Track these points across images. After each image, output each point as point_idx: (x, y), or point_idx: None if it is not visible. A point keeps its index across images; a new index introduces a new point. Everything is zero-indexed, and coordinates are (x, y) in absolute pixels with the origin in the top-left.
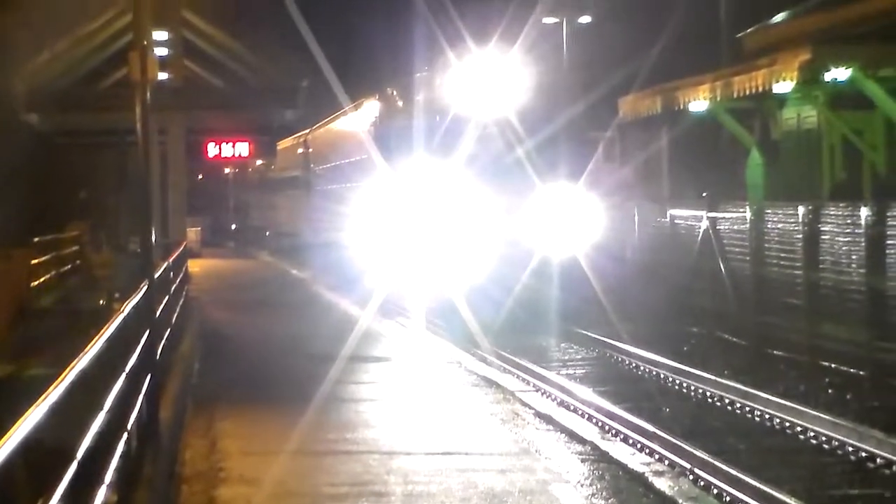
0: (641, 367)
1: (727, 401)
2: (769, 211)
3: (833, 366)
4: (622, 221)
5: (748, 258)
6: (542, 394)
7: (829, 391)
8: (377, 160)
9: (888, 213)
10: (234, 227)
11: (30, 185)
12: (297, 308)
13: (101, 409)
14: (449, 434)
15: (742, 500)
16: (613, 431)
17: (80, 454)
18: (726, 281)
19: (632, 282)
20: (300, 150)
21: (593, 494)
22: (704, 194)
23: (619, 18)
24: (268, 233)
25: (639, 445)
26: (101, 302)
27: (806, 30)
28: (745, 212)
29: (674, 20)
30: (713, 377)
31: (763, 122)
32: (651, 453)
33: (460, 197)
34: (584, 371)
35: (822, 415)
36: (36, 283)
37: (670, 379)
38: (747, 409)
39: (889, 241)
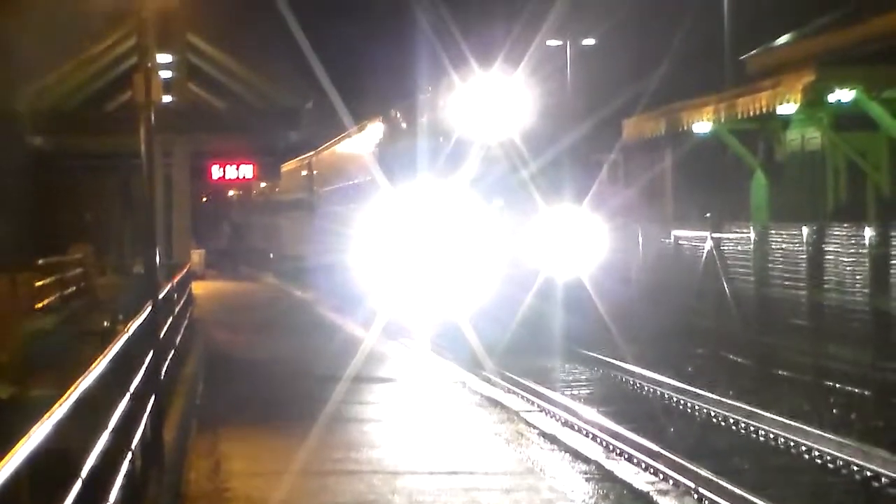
0: (646, 388)
1: (732, 421)
2: (773, 232)
3: (837, 386)
4: (626, 242)
5: (752, 279)
6: (547, 414)
7: (834, 411)
8: (381, 182)
9: (892, 234)
10: (230, 249)
11: (34, 207)
12: (301, 329)
13: (106, 428)
14: (453, 453)
15: None
16: (618, 451)
17: (84, 473)
18: (730, 301)
19: (636, 302)
20: (304, 172)
21: None
22: (708, 215)
23: (622, 41)
24: (272, 255)
25: (643, 465)
26: (106, 323)
27: (810, 51)
28: (749, 232)
29: (677, 42)
30: (718, 397)
31: (767, 144)
32: (655, 472)
33: (464, 218)
34: (588, 391)
35: (826, 434)
36: (40, 305)
37: (675, 399)
38: (752, 428)
39: (893, 262)
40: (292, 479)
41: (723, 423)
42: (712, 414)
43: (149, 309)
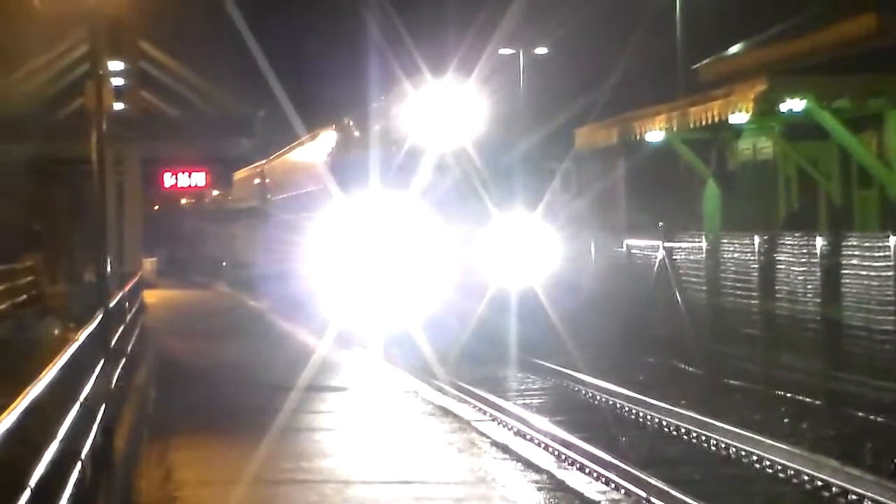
0: (598, 397)
1: (683, 430)
2: (725, 241)
3: (789, 395)
4: (579, 251)
5: (704, 288)
6: (499, 423)
7: (785, 420)
8: (334, 190)
9: (843, 243)
10: (188, 258)
11: None
12: (253, 338)
13: (55, 437)
14: (405, 463)
15: None
16: (570, 460)
17: (33, 482)
18: (682, 311)
19: (588, 312)
20: (257, 181)
21: None
22: (661, 224)
23: (575, 50)
24: (224, 263)
25: (595, 474)
26: (56, 331)
27: (761, 61)
28: (700, 241)
29: (631, 52)
30: (669, 406)
31: (719, 153)
32: (607, 482)
33: (417, 227)
34: (540, 401)
35: (778, 444)
36: None
37: (627, 408)
38: (703, 438)
39: (844, 271)
40: (244, 488)
41: (674, 433)
42: (664, 423)
43: (100, 317)
